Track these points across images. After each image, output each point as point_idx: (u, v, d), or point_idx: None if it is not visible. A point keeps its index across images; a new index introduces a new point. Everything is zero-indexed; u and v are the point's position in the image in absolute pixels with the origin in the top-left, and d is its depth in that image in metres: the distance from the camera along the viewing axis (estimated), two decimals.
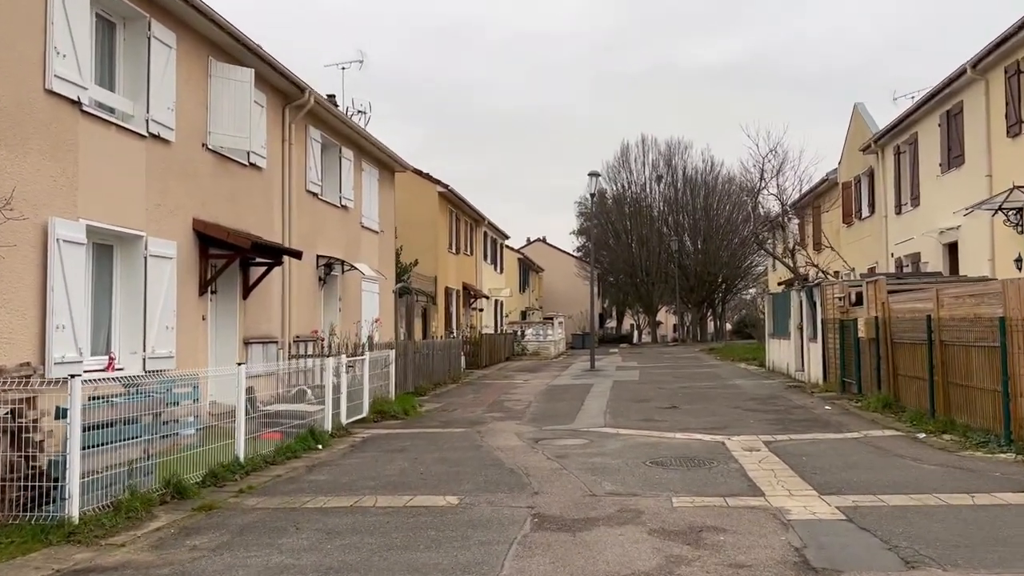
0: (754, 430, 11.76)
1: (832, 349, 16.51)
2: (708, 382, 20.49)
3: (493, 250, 41.74)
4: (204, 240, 12.91)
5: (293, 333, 16.23)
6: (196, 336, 12.73)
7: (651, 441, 10.99)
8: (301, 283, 16.81)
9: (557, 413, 14.64)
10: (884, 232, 23.62)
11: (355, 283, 19.95)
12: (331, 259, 18.03)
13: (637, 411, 14.57)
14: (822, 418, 12.80)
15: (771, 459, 9.41)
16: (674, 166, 56.49)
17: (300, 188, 16.89)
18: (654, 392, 18.10)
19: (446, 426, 13.17)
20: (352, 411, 13.36)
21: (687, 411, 14.34)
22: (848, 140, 27.74)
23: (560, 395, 18.22)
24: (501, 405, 16.39)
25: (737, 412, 13.97)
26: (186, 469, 8.34)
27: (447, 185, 29.35)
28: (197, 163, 12.88)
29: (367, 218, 21.02)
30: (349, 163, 19.62)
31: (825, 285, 16.92)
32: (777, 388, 18.12)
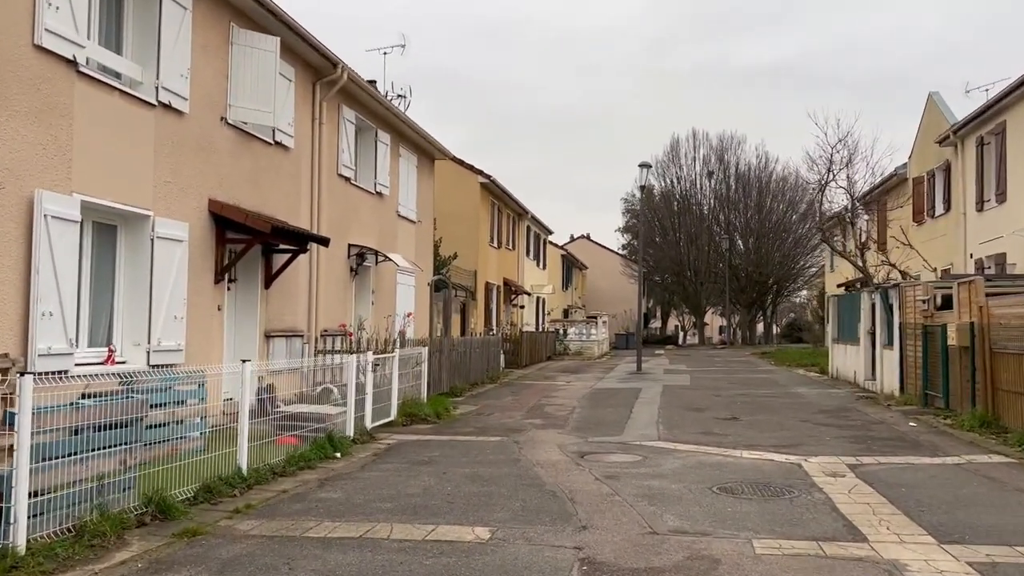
0: (832, 449, 10.24)
1: (912, 358, 14.83)
2: (767, 389, 18.88)
3: (536, 245, 40.40)
4: (221, 223, 11.80)
5: (321, 327, 15.10)
6: (210, 328, 11.63)
7: (714, 460, 9.55)
8: (330, 273, 15.68)
9: (603, 421, 13.26)
10: (962, 231, 21.69)
11: (389, 275, 18.79)
12: (364, 248, 16.88)
13: (693, 422, 13.11)
14: (909, 437, 11.21)
15: (862, 489, 7.91)
16: (726, 162, 54.48)
17: (331, 171, 15.74)
18: (709, 400, 16.59)
19: (480, 433, 11.88)
20: (378, 414, 12.15)
21: (750, 424, 12.83)
22: (920, 132, 25.77)
23: (606, 400, 16.82)
24: (541, 410, 15.05)
25: (807, 427, 12.43)
26: (175, 482, 7.16)
27: (489, 176, 28.09)
28: (215, 138, 11.77)
29: (404, 207, 19.84)
30: (385, 147, 18.45)
31: (905, 286, 15.24)
32: (846, 399, 16.46)
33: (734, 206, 54.59)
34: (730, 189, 54.49)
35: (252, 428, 9.66)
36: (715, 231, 54.57)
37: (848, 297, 21.30)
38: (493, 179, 28.26)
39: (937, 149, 23.90)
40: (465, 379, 19.10)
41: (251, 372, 8.42)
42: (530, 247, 38.51)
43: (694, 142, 55.29)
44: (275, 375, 12.29)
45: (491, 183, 28.39)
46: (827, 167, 21.46)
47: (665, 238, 55.70)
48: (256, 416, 10.53)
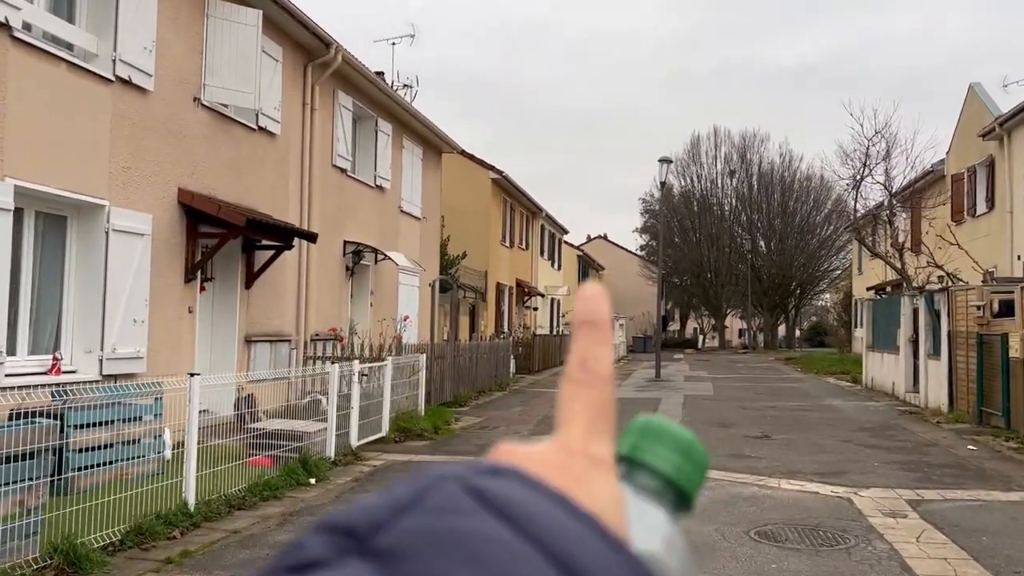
0: (885, 479, 8.84)
1: (963, 370, 13.36)
2: (798, 401, 17.44)
3: (551, 245, 39.05)
4: (193, 216, 10.58)
5: (311, 330, 13.86)
6: (179, 332, 10.40)
7: (749, 493, 8.18)
8: (323, 272, 14.44)
9: None
10: (1008, 231, 20.13)
11: (391, 275, 17.53)
12: (361, 246, 15.63)
13: (720, 440, 11.73)
14: (971, 464, 9.78)
15: (933, 536, 6.53)
16: (748, 160, 52.85)
17: (324, 162, 14.50)
18: (736, 413, 15.18)
19: (479, 453, 10.37)
20: (367, 429, 10.88)
21: (785, 443, 11.44)
22: (960, 126, 24.19)
23: (621, 413, 15.23)
24: (551, 424, 13.65)
25: (850, 448, 11.02)
26: (100, 523, 5.91)
27: (501, 171, 26.78)
28: (186, 121, 10.55)
29: (407, 202, 18.58)
30: (387, 138, 17.20)
31: (955, 290, 13.77)
32: (887, 413, 15.00)
33: (756, 206, 52.94)
34: (752, 188, 52.85)
35: (219, 447, 8.44)
36: (736, 232, 52.95)
37: (885, 301, 19.80)
38: (505, 175, 26.95)
39: (979, 143, 22.32)
40: (471, 386, 17.80)
41: (199, 386, 7.15)
42: (544, 247, 37.17)
43: (715, 140, 53.77)
44: (256, 385, 11.07)
45: (503, 179, 27.09)
46: (862, 161, 19.94)
47: (685, 239, 54.15)
48: (231, 433, 9.33)
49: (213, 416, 9.84)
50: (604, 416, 0.43)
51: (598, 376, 0.43)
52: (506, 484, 0.36)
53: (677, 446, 0.46)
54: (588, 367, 0.43)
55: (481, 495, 0.35)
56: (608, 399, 0.44)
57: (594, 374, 0.43)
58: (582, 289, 0.45)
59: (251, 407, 11.15)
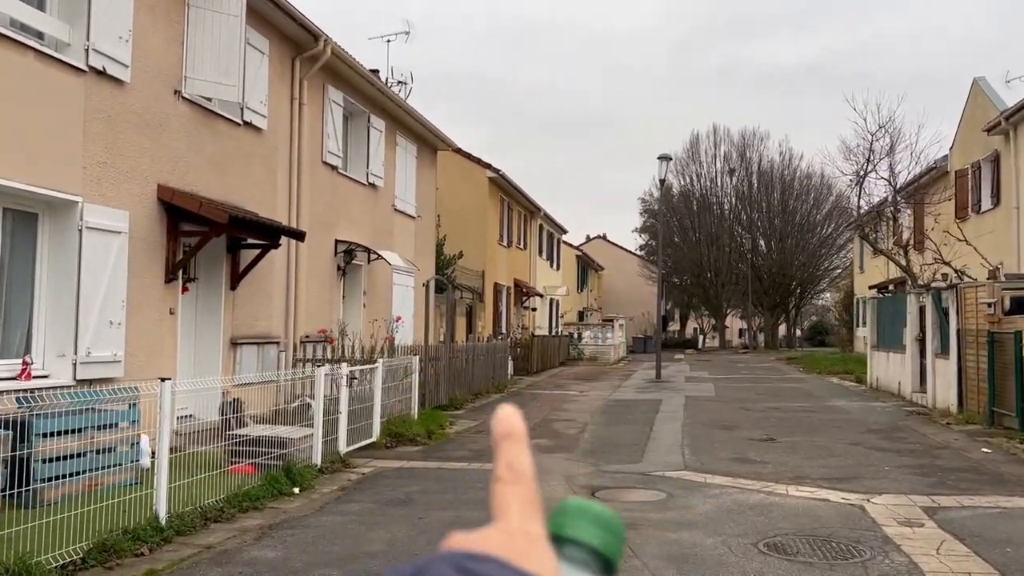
0: (898, 484, 8.43)
1: (973, 369, 12.95)
2: (802, 402, 17.02)
3: (549, 245, 38.64)
4: (173, 213, 10.17)
5: (301, 332, 13.45)
6: (159, 335, 9.99)
7: (756, 500, 7.76)
8: (314, 272, 14.03)
9: (620, 442, 11.50)
10: (1016, 227, 19.72)
11: (384, 275, 17.12)
12: (353, 245, 15.22)
13: (724, 443, 11.32)
14: (987, 468, 9.36)
15: (954, 548, 6.12)
16: (748, 159, 52.39)
17: (314, 159, 14.09)
18: (739, 415, 14.77)
19: (475, 459, 10.16)
20: (357, 435, 10.46)
21: (791, 446, 11.02)
22: (964, 121, 23.79)
23: (622, 414, 15.05)
24: (549, 427, 13.32)
25: (859, 452, 10.61)
26: (59, 541, 5.49)
27: (499, 170, 26.37)
28: (166, 114, 10.14)
29: (401, 200, 18.17)
30: (379, 135, 16.78)
31: (964, 288, 13.35)
32: (895, 415, 14.58)
33: (756, 204, 52.52)
34: (752, 187, 52.41)
35: (200, 455, 8.05)
36: (736, 231, 52.52)
37: (890, 299, 19.38)
38: (502, 173, 26.54)
39: (983, 138, 21.92)
40: (467, 389, 17.39)
41: (171, 392, 6.73)
42: (543, 246, 36.76)
43: (715, 138, 53.30)
44: (244, 389, 10.66)
45: (500, 177, 26.68)
46: (866, 157, 19.51)
47: (684, 238, 53.72)
48: (216, 439, 8.94)
49: (198, 421, 9.45)
50: (533, 504, 0.52)
51: (522, 475, 0.53)
52: (488, 565, 0.47)
53: (598, 521, 0.53)
54: (514, 468, 0.53)
55: (469, 573, 0.45)
56: (533, 492, 0.53)
57: (519, 474, 0.53)
58: (499, 411, 0.56)
59: (237, 412, 10.76)
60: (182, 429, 9.24)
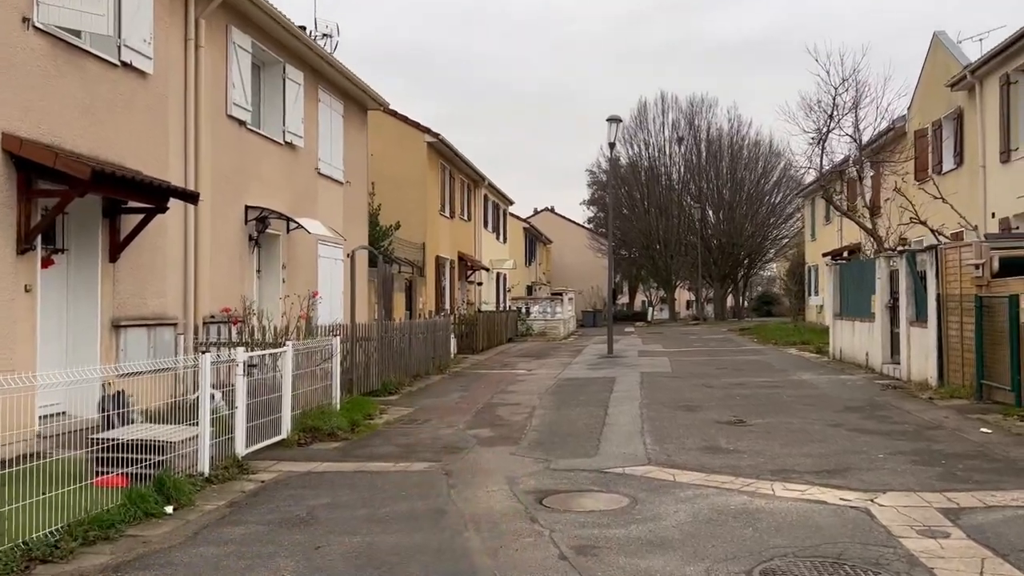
0: (901, 478, 7.13)
1: (957, 337, 11.81)
2: (766, 376, 15.83)
3: (495, 217, 37.03)
4: (25, 168, 8.28)
5: (204, 312, 11.65)
6: (11, 317, 8.17)
7: (739, 504, 6.36)
8: (219, 242, 12.22)
9: (572, 430, 10.05)
10: (981, 187, 18.80)
11: (307, 247, 15.34)
12: (267, 212, 13.41)
13: (689, 428, 9.96)
14: (995, 453, 8.13)
15: (999, 568, 4.79)
16: (696, 127, 51.38)
17: (216, 111, 12.22)
18: (701, 393, 13.47)
19: (402, 457, 8.59)
20: (261, 432, 8.80)
21: (765, 430, 9.71)
22: (923, 79, 22.82)
23: (574, 395, 13.62)
24: (493, 412, 11.81)
25: (843, 435, 9.33)
26: None
27: (438, 134, 24.60)
28: (12, 48, 8.23)
29: (326, 164, 16.35)
30: (298, 88, 14.91)
31: (946, 248, 12.17)
32: (869, 389, 13.43)
33: (705, 174, 51.59)
34: (701, 155, 51.45)
35: (65, 463, 6.37)
36: (686, 202, 51.55)
37: (856, 265, 18.30)
38: (442, 138, 24.77)
39: (946, 95, 20.96)
40: (404, 371, 15.78)
41: None
42: (488, 218, 35.13)
43: (662, 106, 52.13)
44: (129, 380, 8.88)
45: (440, 143, 24.91)
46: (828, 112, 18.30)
47: (633, 209, 52.60)
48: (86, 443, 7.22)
49: (71, 420, 7.73)
50: None
51: None
52: None
53: None
54: None
55: None
56: None
57: None
58: None
59: (121, 407, 8.99)
60: (47, 430, 7.54)
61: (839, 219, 31.89)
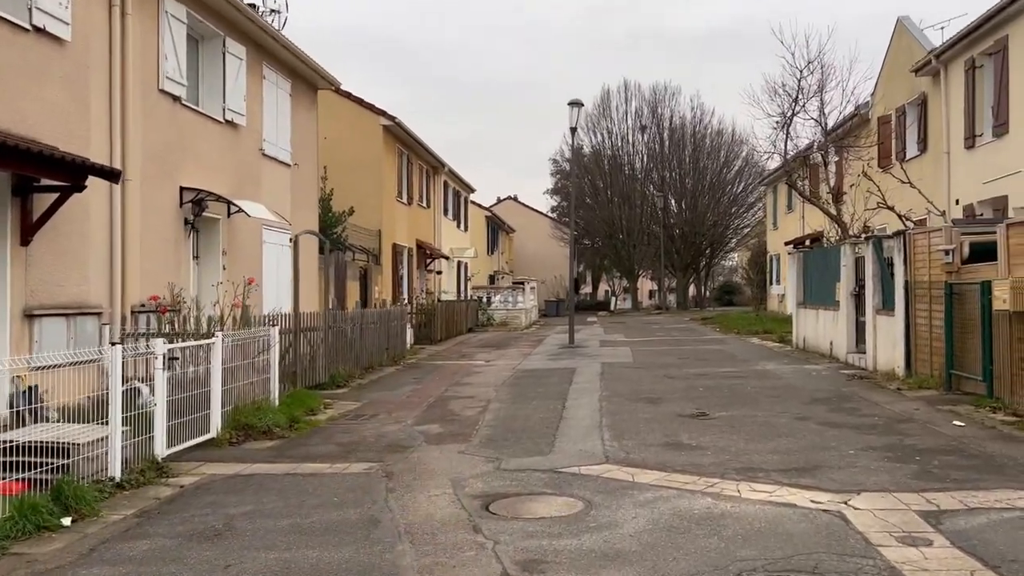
0: (875, 476, 6.65)
1: (925, 326, 11.44)
2: (728, 367, 15.41)
3: (456, 204, 36.27)
4: None
5: (133, 300, 10.83)
6: None
7: (702, 508, 5.82)
8: (151, 226, 11.38)
9: (527, 425, 9.46)
10: (945, 173, 18.56)
11: (251, 232, 14.52)
12: (205, 193, 12.56)
13: (650, 423, 9.42)
14: (971, 448, 7.70)
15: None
16: (660, 115, 51.01)
17: (146, 84, 11.36)
18: (663, 384, 12.97)
19: (341, 457, 7.91)
20: (187, 430, 8.06)
21: (729, 424, 9.21)
22: (887, 65, 22.56)
23: (532, 387, 13.04)
24: (445, 406, 11.17)
25: (810, 429, 8.87)
26: None
27: (394, 117, 23.78)
28: None
29: (272, 144, 15.51)
30: (240, 64, 14.04)
31: (915, 234, 11.79)
32: (834, 379, 13.04)
33: (668, 163, 51.31)
34: (664, 144, 51.13)
35: None
36: (649, 191, 51.23)
37: (820, 252, 17.95)
38: (399, 121, 23.96)
39: (909, 81, 20.71)
40: (355, 363, 15.07)
41: None
42: (448, 206, 34.37)
43: (626, 94, 51.68)
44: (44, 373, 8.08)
45: (396, 126, 24.09)
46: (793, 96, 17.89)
47: (596, 198, 52.15)
48: None
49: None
50: None
51: None
52: None
53: None
54: None
55: None
56: None
57: None
58: None
59: (33, 403, 8.25)
60: None
61: (802, 207, 31.72)
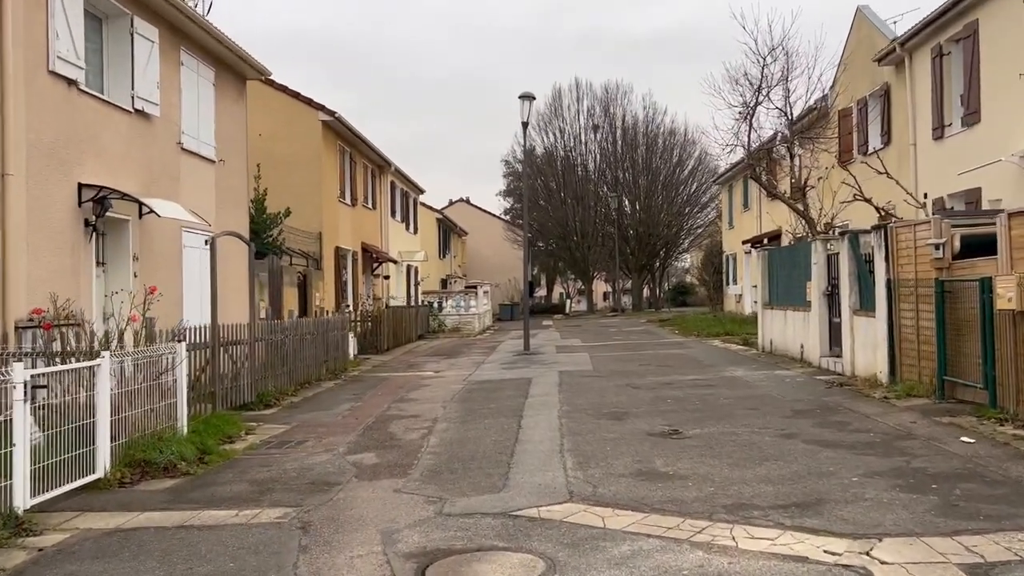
0: (892, 513, 5.56)
1: (912, 327, 10.50)
2: (695, 373, 14.36)
3: (404, 205, 34.85)
4: None
5: (19, 315, 9.30)
6: None
7: (692, 566, 4.65)
8: (41, 228, 9.86)
9: (477, 452, 8.21)
10: (911, 166, 17.86)
11: (169, 235, 13.02)
12: (108, 191, 11.05)
13: (617, 444, 8.26)
14: (991, 472, 6.67)
15: None
16: (612, 114, 50.24)
17: (34, 65, 9.84)
18: (627, 396, 11.84)
19: (252, 501, 6.56)
20: (66, 471, 6.63)
21: (707, 444, 8.08)
22: (847, 56, 21.87)
23: (484, 402, 11.81)
24: (385, 429, 9.87)
25: (800, 449, 7.79)
26: None
27: (334, 112, 22.34)
28: None
29: (192, 138, 14.01)
30: (151, 46, 12.54)
31: (898, 227, 10.84)
32: (812, 387, 12.05)
33: (620, 162, 50.56)
34: (616, 144, 50.36)
35: None
36: (602, 191, 50.41)
37: (787, 250, 17.07)
38: (339, 116, 22.52)
39: (870, 73, 20.03)
40: (289, 378, 13.66)
41: None
42: (396, 207, 32.94)
43: (577, 92, 50.81)
44: None
45: (336, 121, 22.64)
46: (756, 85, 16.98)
47: (550, 200, 51.17)
48: None
49: None
50: None
51: None
52: None
53: None
54: None
55: None
56: None
57: None
58: None
59: None
60: None
61: (759, 205, 31.06)
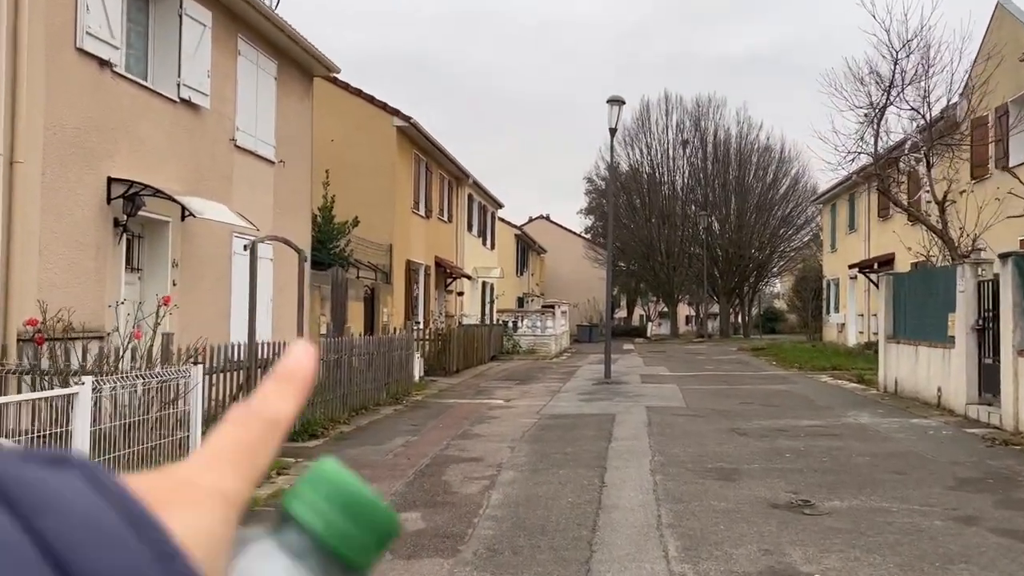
0: None
1: None
2: (811, 417, 12.20)
3: (482, 220, 33.45)
4: None
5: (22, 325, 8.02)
6: None
7: None
8: (61, 227, 8.62)
9: (548, 522, 6.42)
10: None
11: (217, 241, 11.77)
12: (140, 187, 9.79)
13: (732, 518, 6.34)
14: None
15: None
16: (703, 128, 47.88)
17: (59, 41, 8.64)
18: (733, 444, 9.85)
19: None
20: None
21: (854, 526, 6.09)
22: (982, 57, 19.24)
23: (559, 445, 10.01)
24: (439, 476, 8.18)
25: (990, 544, 5.74)
26: None
27: (409, 117, 21.05)
28: None
29: (248, 135, 12.77)
30: (202, 31, 11.33)
31: None
32: (968, 444, 9.79)
33: (711, 180, 48.09)
34: (707, 160, 47.94)
35: None
36: (690, 210, 48.03)
37: (919, 276, 14.71)
38: (414, 122, 21.22)
39: (1012, 76, 17.49)
40: (343, 403, 12.19)
41: None
42: (473, 221, 31.56)
43: (666, 106, 48.64)
44: None
45: (412, 127, 21.35)
46: (888, 82, 14.73)
47: (633, 218, 49.04)
48: None
49: None
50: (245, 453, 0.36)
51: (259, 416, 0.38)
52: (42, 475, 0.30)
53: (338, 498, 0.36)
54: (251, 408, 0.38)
55: None
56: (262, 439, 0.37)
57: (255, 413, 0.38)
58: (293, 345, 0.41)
59: None
60: None
61: (866, 227, 28.41)
